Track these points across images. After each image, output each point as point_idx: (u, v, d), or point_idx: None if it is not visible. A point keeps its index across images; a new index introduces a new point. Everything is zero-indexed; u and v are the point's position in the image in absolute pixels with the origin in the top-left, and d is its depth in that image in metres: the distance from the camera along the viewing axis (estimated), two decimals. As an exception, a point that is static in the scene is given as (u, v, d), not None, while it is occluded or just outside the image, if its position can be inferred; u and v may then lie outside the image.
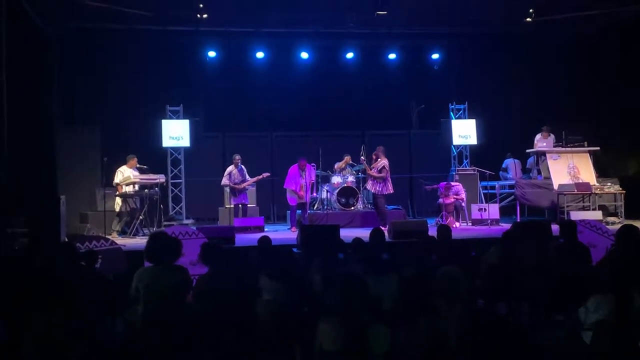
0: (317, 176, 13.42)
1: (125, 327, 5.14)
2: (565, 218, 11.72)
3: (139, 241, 10.58)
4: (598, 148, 13.35)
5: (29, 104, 11.17)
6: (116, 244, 8.48)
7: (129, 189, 11.86)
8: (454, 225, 12.43)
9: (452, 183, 13.15)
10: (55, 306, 4.55)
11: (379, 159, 12.56)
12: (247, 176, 12.79)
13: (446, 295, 3.68)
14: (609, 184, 12.89)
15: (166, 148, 14.17)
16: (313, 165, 13.15)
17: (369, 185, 12.70)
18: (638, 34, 13.09)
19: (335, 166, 13.98)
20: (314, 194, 13.39)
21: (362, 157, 13.04)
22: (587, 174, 13.08)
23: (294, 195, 12.64)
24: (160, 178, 12.05)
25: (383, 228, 8.91)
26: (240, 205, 12.75)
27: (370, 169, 12.61)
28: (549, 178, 13.18)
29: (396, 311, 4.91)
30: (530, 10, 12.82)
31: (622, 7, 12.87)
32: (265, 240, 7.12)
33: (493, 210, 12.83)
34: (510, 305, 5.88)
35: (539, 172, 13.91)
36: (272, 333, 4.63)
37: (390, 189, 12.48)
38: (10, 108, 9.91)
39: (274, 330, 4.62)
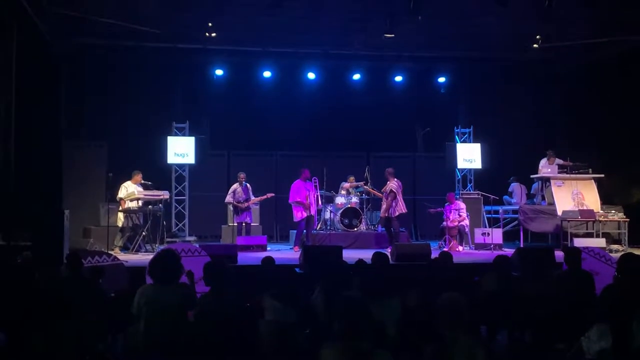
0: (320, 196, 13.41)
1: (126, 344, 5.12)
2: (569, 245, 11.66)
3: (141, 257, 10.56)
4: (602, 175, 13.33)
5: (36, 119, 11.23)
6: (118, 259, 8.47)
7: (132, 204, 11.87)
8: (457, 249, 12.41)
9: (458, 202, 13.12)
10: (57, 321, 4.54)
11: (388, 182, 12.54)
12: (252, 195, 12.80)
13: (449, 322, 3.65)
14: (613, 211, 12.84)
15: (171, 165, 14.21)
16: (315, 179, 13.15)
17: (382, 209, 12.65)
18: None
19: (345, 185, 14.00)
20: (320, 205, 13.35)
21: (369, 184, 12.94)
22: (592, 200, 13.04)
23: (301, 206, 12.59)
24: (164, 194, 12.07)
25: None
26: (243, 224, 12.75)
27: (381, 193, 12.62)
28: (552, 204, 13.14)
29: (400, 337, 4.88)
30: (537, 37, 12.89)
31: (627, 36, 12.94)
32: (268, 260, 7.13)
33: (496, 235, 12.79)
34: (513, 333, 5.86)
35: (543, 198, 13.88)
36: (274, 354, 4.60)
37: (402, 209, 12.45)
38: (19, 122, 9.97)
39: (276, 351, 4.60)
